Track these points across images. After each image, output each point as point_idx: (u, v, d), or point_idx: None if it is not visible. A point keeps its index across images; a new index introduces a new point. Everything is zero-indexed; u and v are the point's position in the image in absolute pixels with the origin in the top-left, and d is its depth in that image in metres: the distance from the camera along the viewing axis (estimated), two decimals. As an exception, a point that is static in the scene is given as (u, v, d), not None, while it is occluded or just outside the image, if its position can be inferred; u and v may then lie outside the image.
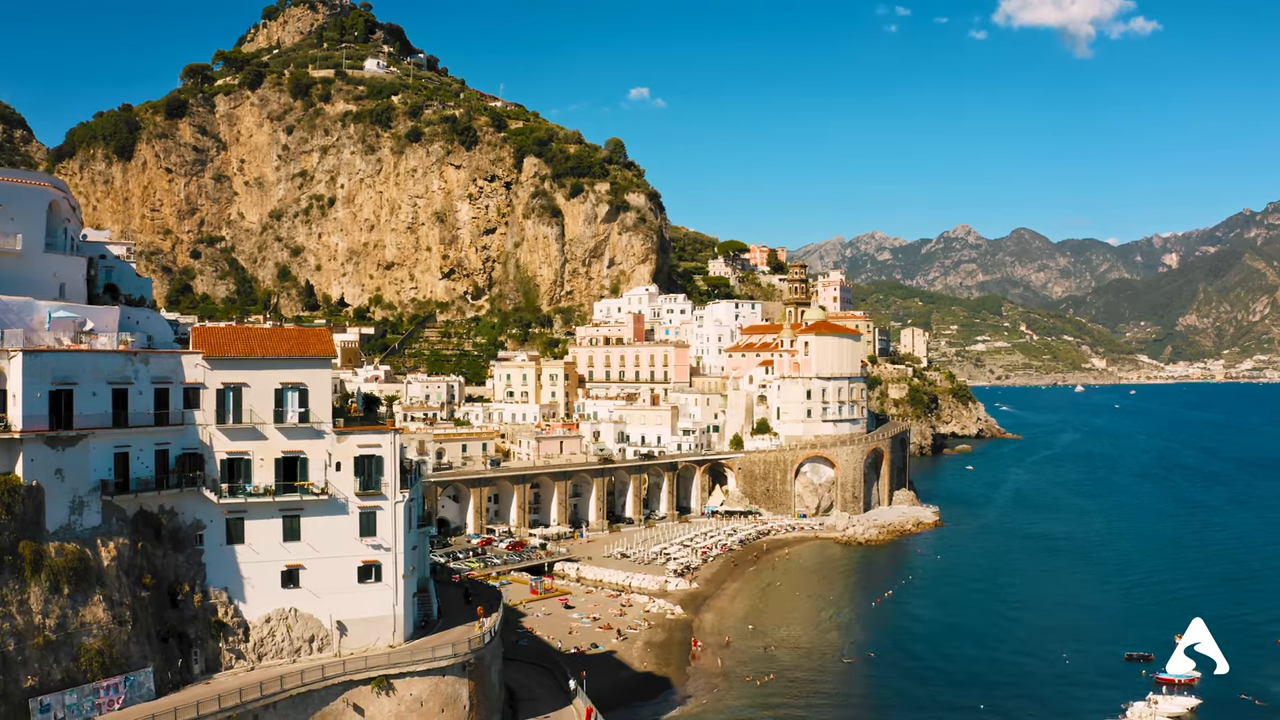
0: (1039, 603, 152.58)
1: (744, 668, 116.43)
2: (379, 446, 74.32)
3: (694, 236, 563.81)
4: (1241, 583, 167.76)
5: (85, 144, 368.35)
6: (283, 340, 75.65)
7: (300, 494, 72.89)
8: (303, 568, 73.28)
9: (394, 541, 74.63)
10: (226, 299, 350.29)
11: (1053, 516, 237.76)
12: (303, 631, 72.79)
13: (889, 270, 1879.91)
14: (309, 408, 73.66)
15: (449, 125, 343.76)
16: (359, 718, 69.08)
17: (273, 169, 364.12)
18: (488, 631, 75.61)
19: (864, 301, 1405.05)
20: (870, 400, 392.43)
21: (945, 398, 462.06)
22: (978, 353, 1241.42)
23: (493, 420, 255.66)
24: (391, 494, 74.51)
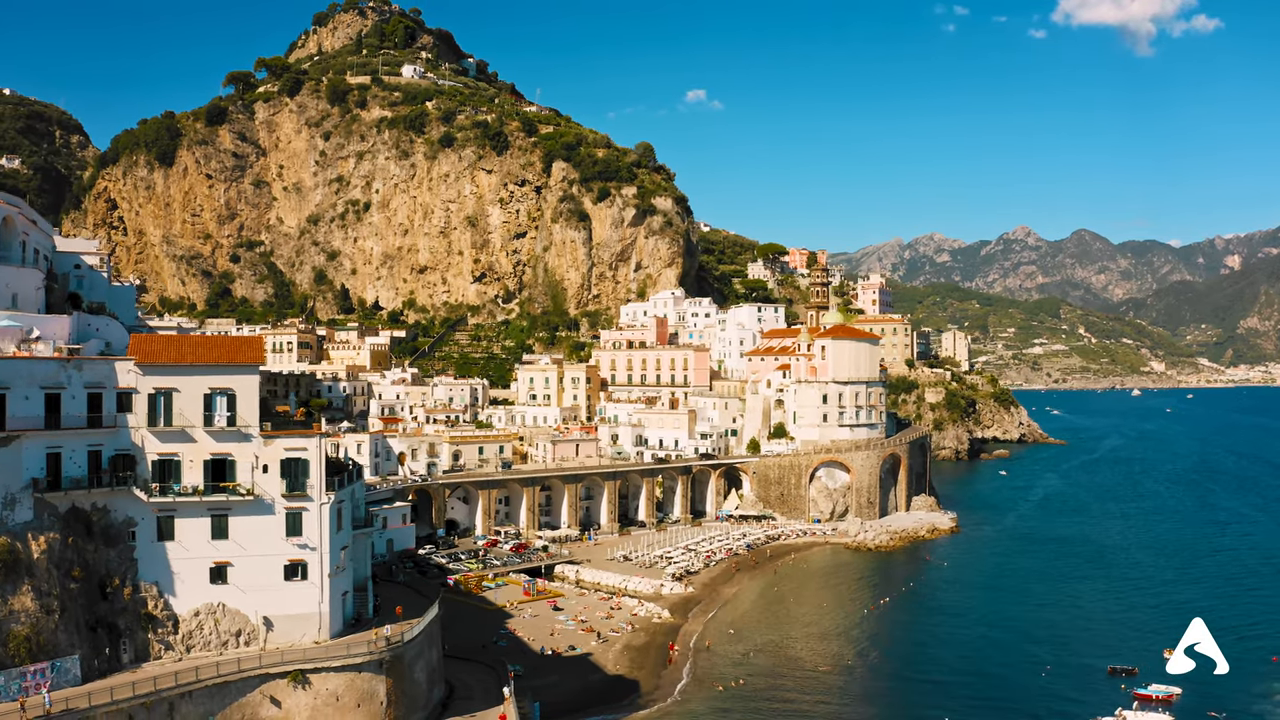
0: (1036, 611, 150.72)
1: (716, 673, 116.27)
2: (305, 450, 76.00)
3: (734, 239, 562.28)
4: (1249, 591, 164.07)
5: (129, 150, 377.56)
6: (213, 348, 77.62)
7: (227, 494, 75.35)
8: (230, 565, 75.68)
9: (320, 542, 76.34)
10: (264, 302, 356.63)
11: (1073, 522, 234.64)
12: (230, 626, 75.20)
13: (947, 272, 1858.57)
14: (236, 412, 75.71)
15: (481, 130, 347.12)
16: (276, 710, 71.25)
17: (310, 174, 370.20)
18: (407, 632, 76.24)
19: (919, 304, 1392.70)
20: (906, 404, 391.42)
21: (986, 402, 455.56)
22: (1034, 356, 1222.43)
23: (515, 423, 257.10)
24: (317, 496, 76.09)
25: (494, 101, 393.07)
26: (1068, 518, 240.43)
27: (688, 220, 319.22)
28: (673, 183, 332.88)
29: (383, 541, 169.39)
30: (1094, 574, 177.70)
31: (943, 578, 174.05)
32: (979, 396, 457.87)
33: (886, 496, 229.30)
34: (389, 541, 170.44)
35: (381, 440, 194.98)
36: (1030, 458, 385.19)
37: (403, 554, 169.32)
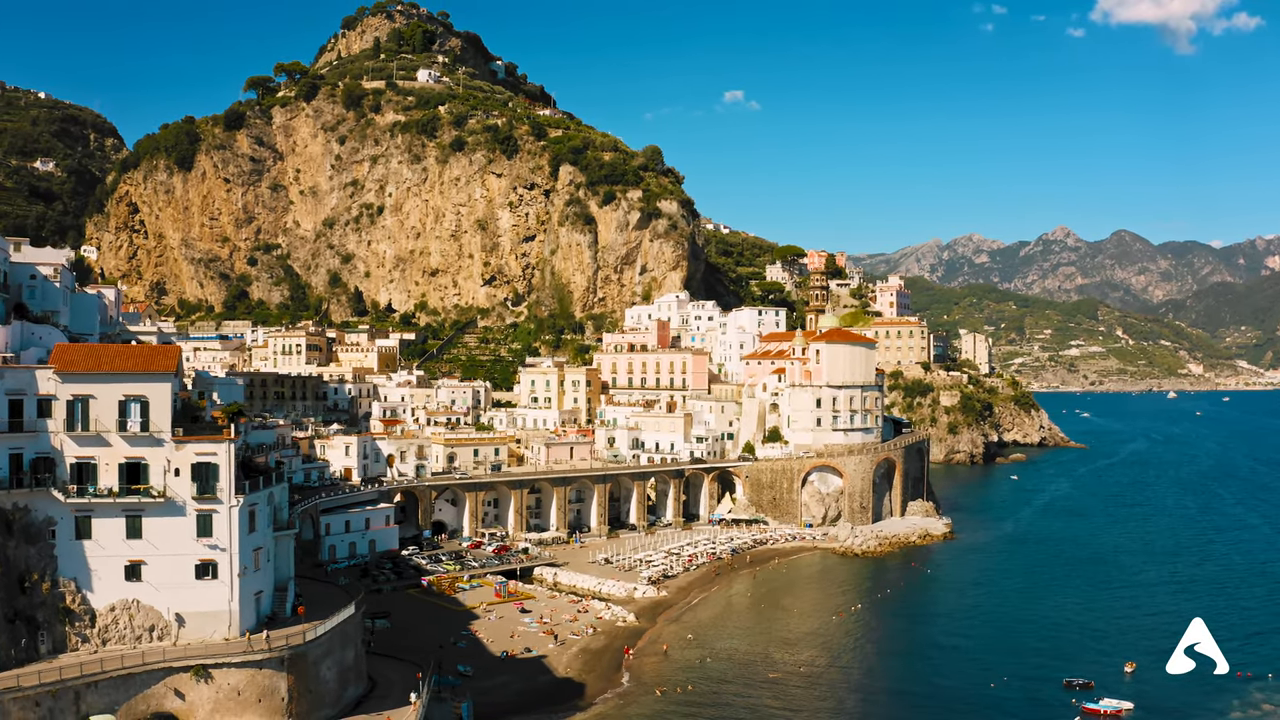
0: (1008, 619, 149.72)
1: (664, 678, 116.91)
2: (215, 455, 78.38)
3: (753, 241, 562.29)
4: (1232, 600, 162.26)
5: (149, 155, 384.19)
6: (129, 357, 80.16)
7: (141, 496, 78.47)
8: (145, 563, 78.72)
9: (229, 543, 78.69)
10: (280, 305, 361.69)
11: (1069, 528, 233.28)
12: (144, 621, 78.28)
13: (986, 273, 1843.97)
14: (149, 418, 77.85)
15: (491, 135, 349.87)
16: (180, 702, 74.13)
17: (326, 178, 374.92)
18: (310, 631, 78.09)
19: (956, 305, 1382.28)
20: (921, 407, 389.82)
21: (1006, 405, 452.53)
22: (1071, 358, 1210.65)
23: (516, 425, 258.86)
24: (227, 499, 78.53)
25: (507, 105, 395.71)
26: (1066, 523, 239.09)
27: (693, 223, 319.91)
28: (680, 186, 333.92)
29: (365, 542, 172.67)
30: (1077, 581, 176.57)
31: (922, 584, 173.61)
32: (999, 400, 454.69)
33: (881, 501, 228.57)
34: (371, 542, 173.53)
35: (370, 443, 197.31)
36: (1047, 462, 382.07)
37: (384, 554, 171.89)
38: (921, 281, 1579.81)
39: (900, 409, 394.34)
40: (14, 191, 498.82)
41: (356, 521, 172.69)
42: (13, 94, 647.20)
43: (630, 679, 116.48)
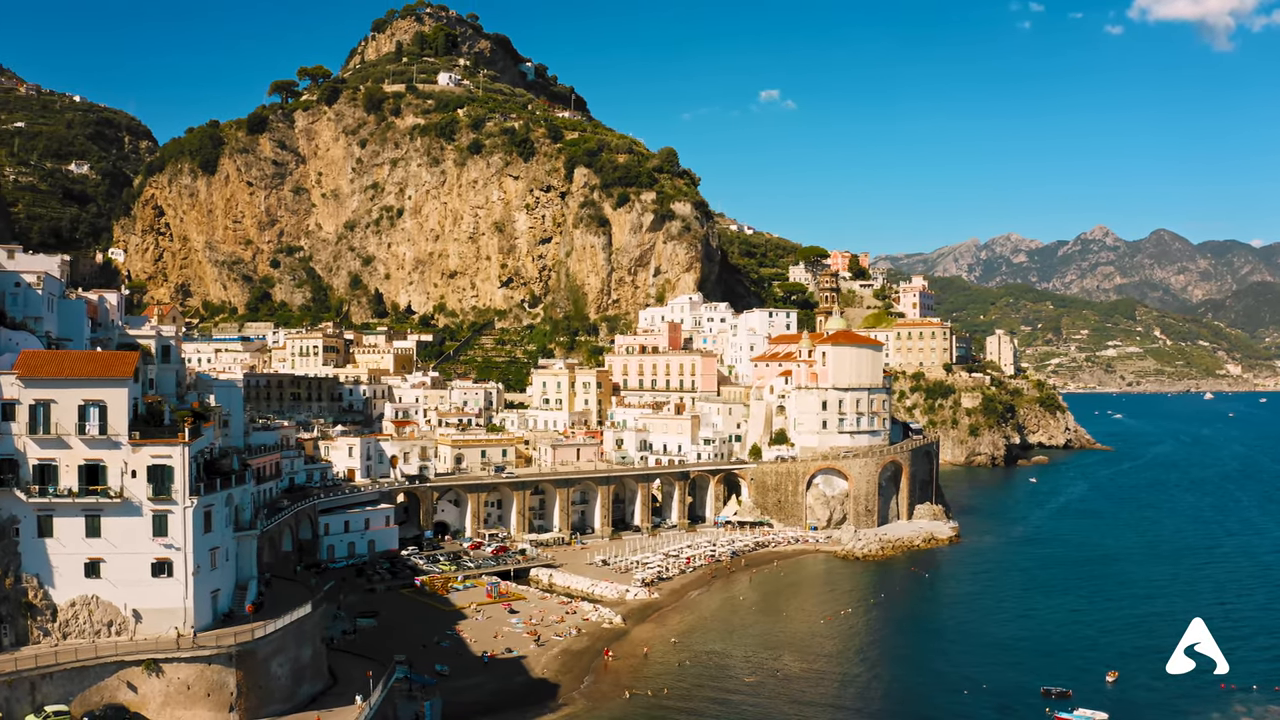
0: (998, 625, 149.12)
1: (640, 681, 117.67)
2: (170, 457, 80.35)
3: (777, 242, 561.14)
4: (1231, 605, 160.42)
5: (174, 159, 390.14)
6: (89, 363, 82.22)
7: (99, 497, 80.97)
8: (104, 561, 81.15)
9: (184, 542, 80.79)
10: (303, 306, 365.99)
11: (1078, 531, 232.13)
12: (103, 616, 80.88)
13: (1024, 273, 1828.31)
14: (108, 421, 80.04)
15: (508, 137, 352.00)
16: (132, 695, 76.77)
17: (347, 181, 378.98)
18: (259, 629, 79.90)
19: (992, 305, 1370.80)
20: (943, 409, 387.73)
21: (1031, 407, 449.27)
22: (1108, 358, 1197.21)
23: (527, 426, 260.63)
24: (181, 500, 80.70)
25: (526, 108, 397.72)
26: (1075, 526, 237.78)
27: (708, 225, 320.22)
28: (695, 188, 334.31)
29: (364, 542, 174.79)
30: (1075, 585, 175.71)
31: (917, 589, 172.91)
32: (1024, 401, 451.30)
33: (887, 505, 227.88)
34: (370, 542, 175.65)
35: (374, 444, 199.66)
36: (1069, 464, 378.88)
37: (383, 554, 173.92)
38: (958, 281, 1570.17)
39: (922, 410, 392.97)
40: (48, 194, 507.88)
41: (356, 522, 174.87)
42: (48, 97, 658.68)
43: (606, 681, 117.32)
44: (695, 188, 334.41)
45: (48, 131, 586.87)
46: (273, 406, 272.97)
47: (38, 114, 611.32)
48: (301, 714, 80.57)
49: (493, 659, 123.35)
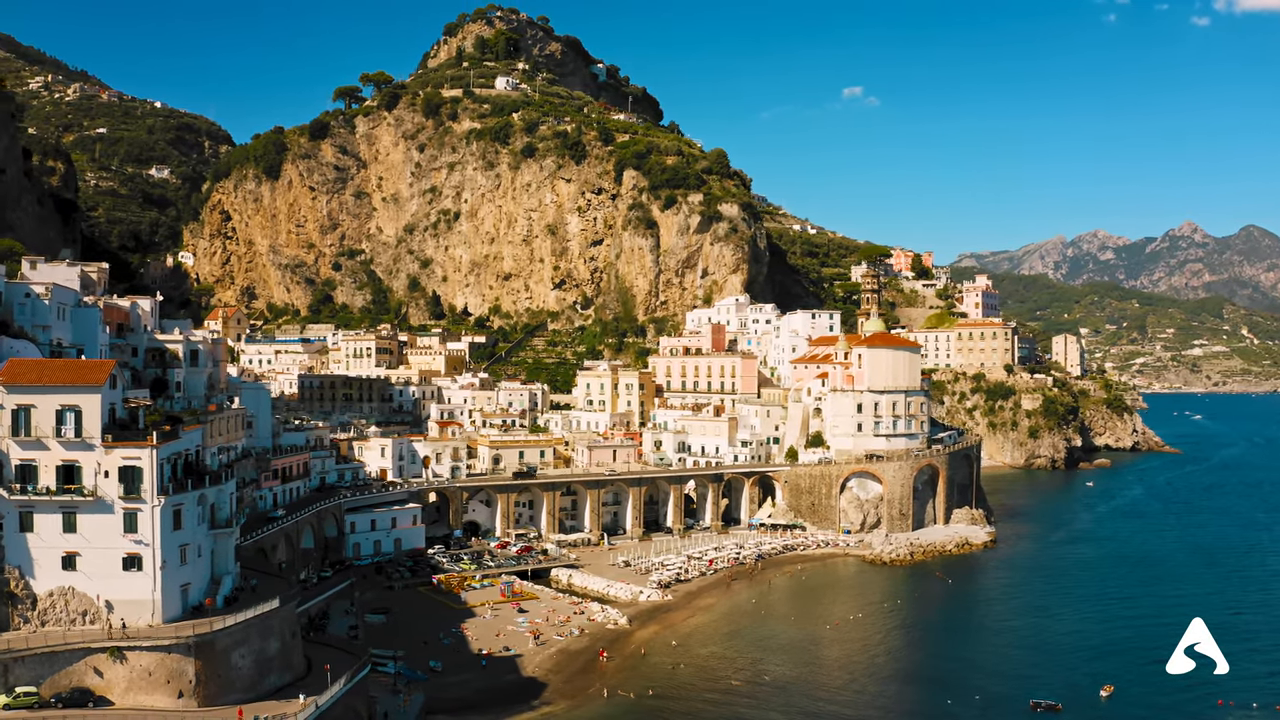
0: (1007, 635, 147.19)
1: (631, 682, 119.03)
2: (140, 459, 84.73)
3: (839, 241, 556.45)
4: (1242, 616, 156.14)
5: (239, 165, 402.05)
6: (66, 371, 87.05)
7: (74, 495, 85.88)
8: (79, 554, 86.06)
9: (153, 538, 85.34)
10: (363, 308, 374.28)
11: (1119, 538, 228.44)
12: (78, 606, 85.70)
13: (1111, 270, 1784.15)
14: (83, 425, 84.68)
15: (560, 140, 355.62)
16: (99, 679, 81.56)
17: (406, 185, 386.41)
18: (218, 622, 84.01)
19: (1077, 304, 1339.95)
20: (1003, 411, 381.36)
21: (1098, 408, 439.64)
22: (1193, 358, 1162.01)
23: (571, 427, 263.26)
24: (150, 499, 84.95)
25: (582, 111, 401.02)
26: (1116, 531, 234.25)
27: (755, 226, 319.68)
28: (745, 189, 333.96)
29: (390, 541, 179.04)
30: (1098, 593, 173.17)
31: (934, 595, 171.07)
32: (1090, 403, 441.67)
33: (923, 509, 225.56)
34: (397, 541, 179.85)
35: (406, 444, 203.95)
36: (1132, 468, 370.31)
37: (409, 553, 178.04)
38: (1043, 280, 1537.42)
39: (982, 412, 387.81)
40: (128, 198, 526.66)
41: (382, 520, 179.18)
42: (130, 104, 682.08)
43: (594, 682, 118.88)
44: (746, 189, 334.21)
45: (129, 137, 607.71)
46: (325, 407, 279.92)
47: (119, 120, 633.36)
48: (262, 703, 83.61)
49: (489, 657, 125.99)
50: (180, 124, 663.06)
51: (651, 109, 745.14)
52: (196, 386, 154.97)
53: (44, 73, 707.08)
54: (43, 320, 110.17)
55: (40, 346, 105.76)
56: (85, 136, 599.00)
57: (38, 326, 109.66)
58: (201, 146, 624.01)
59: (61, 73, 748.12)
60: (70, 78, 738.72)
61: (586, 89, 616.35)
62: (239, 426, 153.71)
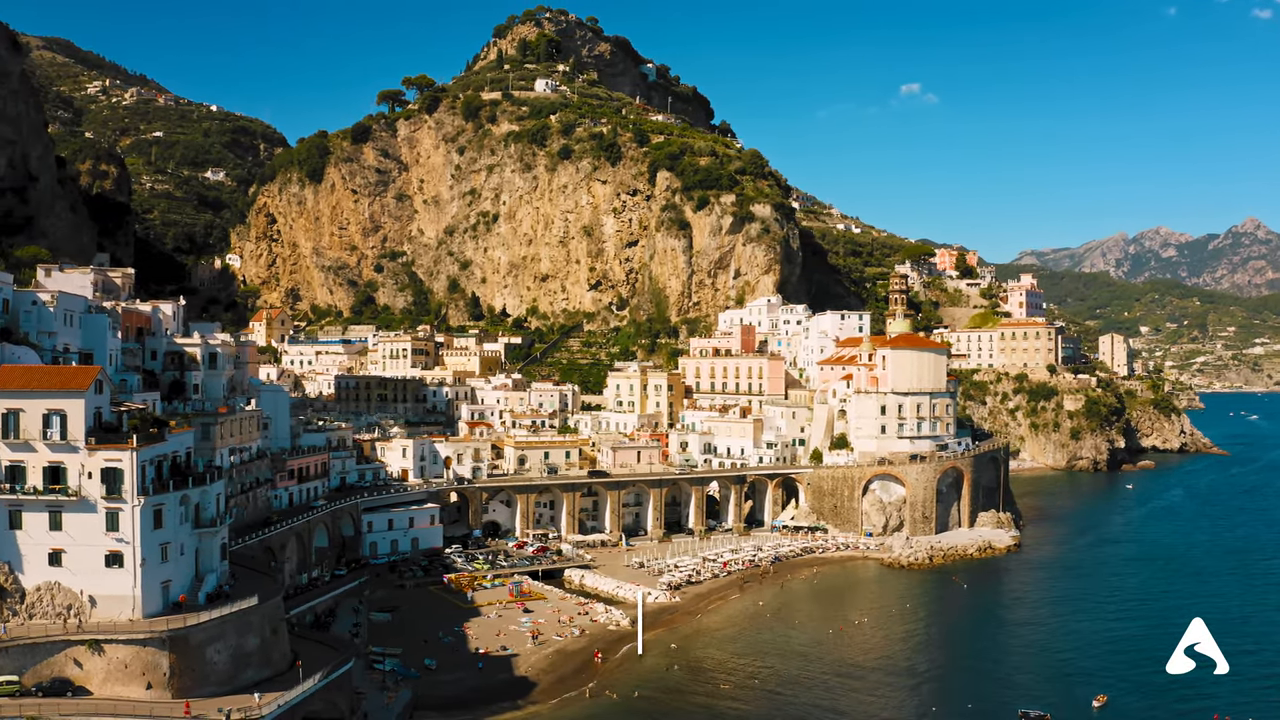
0: (1010, 641, 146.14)
1: (621, 683, 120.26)
2: (121, 461, 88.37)
3: (883, 240, 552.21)
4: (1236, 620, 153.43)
5: (284, 169, 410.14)
6: (52, 377, 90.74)
7: (60, 495, 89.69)
8: (65, 551, 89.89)
9: (133, 537, 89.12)
10: (404, 310, 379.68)
11: (1145, 542, 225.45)
12: (64, 601, 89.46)
13: (1173, 268, 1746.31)
14: (67, 428, 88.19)
15: (596, 142, 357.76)
16: (78, 670, 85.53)
17: (447, 188, 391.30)
18: (194, 618, 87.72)
19: (1137, 302, 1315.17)
20: (1045, 412, 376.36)
21: (1145, 409, 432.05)
22: (1255, 356, 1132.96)
23: (601, 428, 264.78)
24: (130, 499, 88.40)
25: (620, 112, 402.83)
26: (1144, 535, 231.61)
27: (787, 226, 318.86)
28: (778, 189, 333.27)
29: (407, 540, 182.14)
30: (1114, 599, 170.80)
31: (947, 599, 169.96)
32: (1136, 404, 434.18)
33: (947, 512, 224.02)
34: (414, 540, 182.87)
35: (428, 445, 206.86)
36: (1176, 470, 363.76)
37: (426, 552, 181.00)
38: (1103, 278, 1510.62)
39: (1024, 413, 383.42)
40: (183, 201, 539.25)
41: (400, 520, 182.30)
42: (186, 108, 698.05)
43: (585, 682, 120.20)
44: (780, 189, 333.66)
45: (185, 140, 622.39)
46: (361, 407, 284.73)
47: (176, 124, 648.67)
48: (233, 696, 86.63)
49: (486, 656, 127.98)
50: (236, 127, 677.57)
51: (702, 108, 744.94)
52: (215, 389, 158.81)
53: (102, 77, 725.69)
54: (48, 327, 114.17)
55: (43, 353, 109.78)
56: (142, 140, 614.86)
57: (43, 333, 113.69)
58: (257, 149, 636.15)
59: (120, 77, 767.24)
60: (128, 82, 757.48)
61: (635, 89, 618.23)
62: (255, 428, 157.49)
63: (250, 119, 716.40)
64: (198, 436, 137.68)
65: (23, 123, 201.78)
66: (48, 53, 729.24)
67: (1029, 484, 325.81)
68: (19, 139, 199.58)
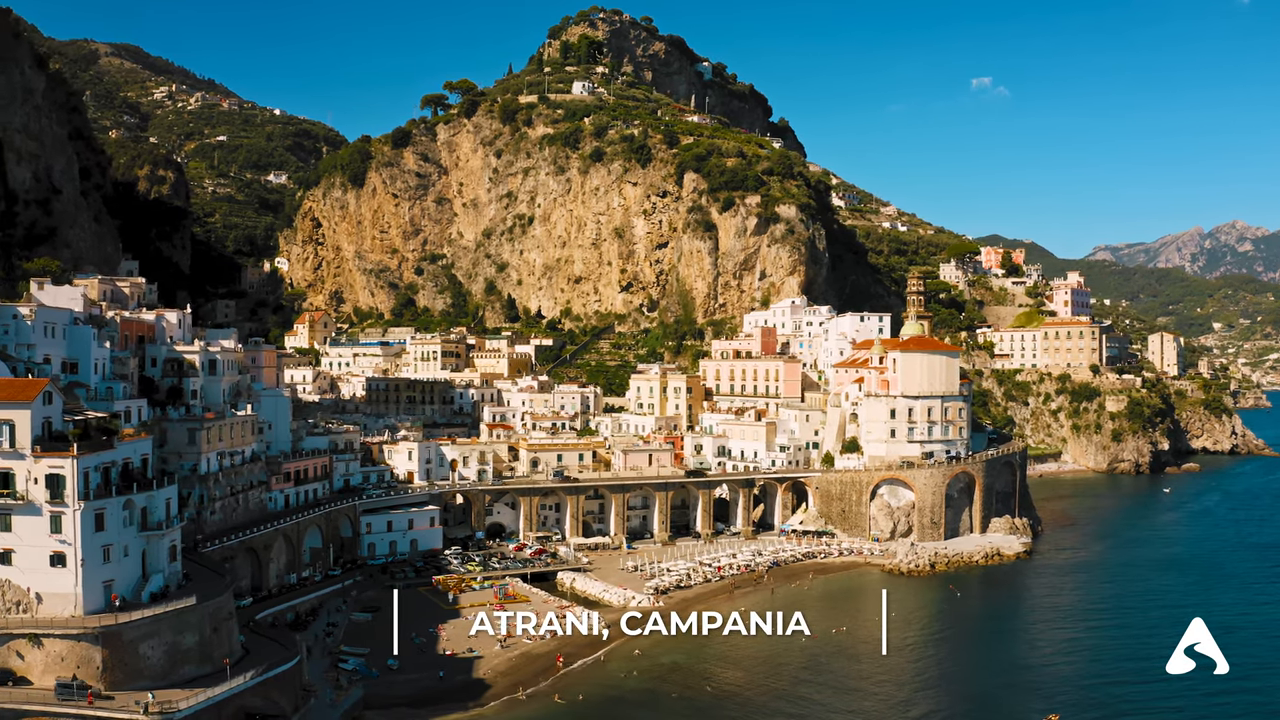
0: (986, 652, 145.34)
1: (574, 687, 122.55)
2: (63, 467, 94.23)
3: (929, 239, 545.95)
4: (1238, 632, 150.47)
5: (327, 174, 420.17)
6: (3, 388, 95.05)
7: (8, 499, 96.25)
8: (14, 551, 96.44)
9: (75, 539, 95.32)
10: (443, 312, 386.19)
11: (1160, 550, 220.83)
12: (13, 596, 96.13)
13: (1249, 262, 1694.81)
14: (15, 437, 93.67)
15: (627, 144, 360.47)
16: (20, 661, 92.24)
17: (485, 191, 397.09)
18: (125, 616, 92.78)
19: (1210, 298, 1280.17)
20: (1087, 413, 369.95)
21: (1195, 410, 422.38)
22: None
23: (621, 430, 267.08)
24: (72, 503, 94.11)
25: (655, 114, 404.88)
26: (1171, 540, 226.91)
27: (813, 227, 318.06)
28: (805, 190, 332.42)
29: (406, 541, 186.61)
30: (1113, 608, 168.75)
31: (937, 608, 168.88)
32: (1188, 404, 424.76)
33: (958, 517, 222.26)
34: (413, 541, 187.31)
35: (434, 448, 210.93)
36: (1222, 473, 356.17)
37: (425, 553, 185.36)
38: (1175, 273, 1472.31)
39: (1066, 414, 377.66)
40: (245, 204, 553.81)
41: (399, 522, 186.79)
42: (250, 111, 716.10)
43: (541, 685, 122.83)
44: (808, 189, 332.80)
45: (248, 144, 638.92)
46: (390, 409, 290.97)
47: (239, 128, 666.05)
48: (165, 690, 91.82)
49: (451, 656, 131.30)
50: (298, 130, 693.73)
51: (759, 106, 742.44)
52: (215, 394, 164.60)
53: (170, 82, 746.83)
54: (26, 340, 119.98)
55: (19, 364, 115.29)
56: (206, 144, 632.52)
57: (22, 346, 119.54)
58: (319, 152, 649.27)
59: (188, 81, 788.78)
60: (196, 86, 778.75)
61: (690, 88, 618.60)
62: (248, 432, 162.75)
63: (312, 122, 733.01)
64: (184, 441, 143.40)
65: (46, 137, 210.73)
66: (116, 59, 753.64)
67: (1066, 487, 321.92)
68: (42, 153, 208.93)
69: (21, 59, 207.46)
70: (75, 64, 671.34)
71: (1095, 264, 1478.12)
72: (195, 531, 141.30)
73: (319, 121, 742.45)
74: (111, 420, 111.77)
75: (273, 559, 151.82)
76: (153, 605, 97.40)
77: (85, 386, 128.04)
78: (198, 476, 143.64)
